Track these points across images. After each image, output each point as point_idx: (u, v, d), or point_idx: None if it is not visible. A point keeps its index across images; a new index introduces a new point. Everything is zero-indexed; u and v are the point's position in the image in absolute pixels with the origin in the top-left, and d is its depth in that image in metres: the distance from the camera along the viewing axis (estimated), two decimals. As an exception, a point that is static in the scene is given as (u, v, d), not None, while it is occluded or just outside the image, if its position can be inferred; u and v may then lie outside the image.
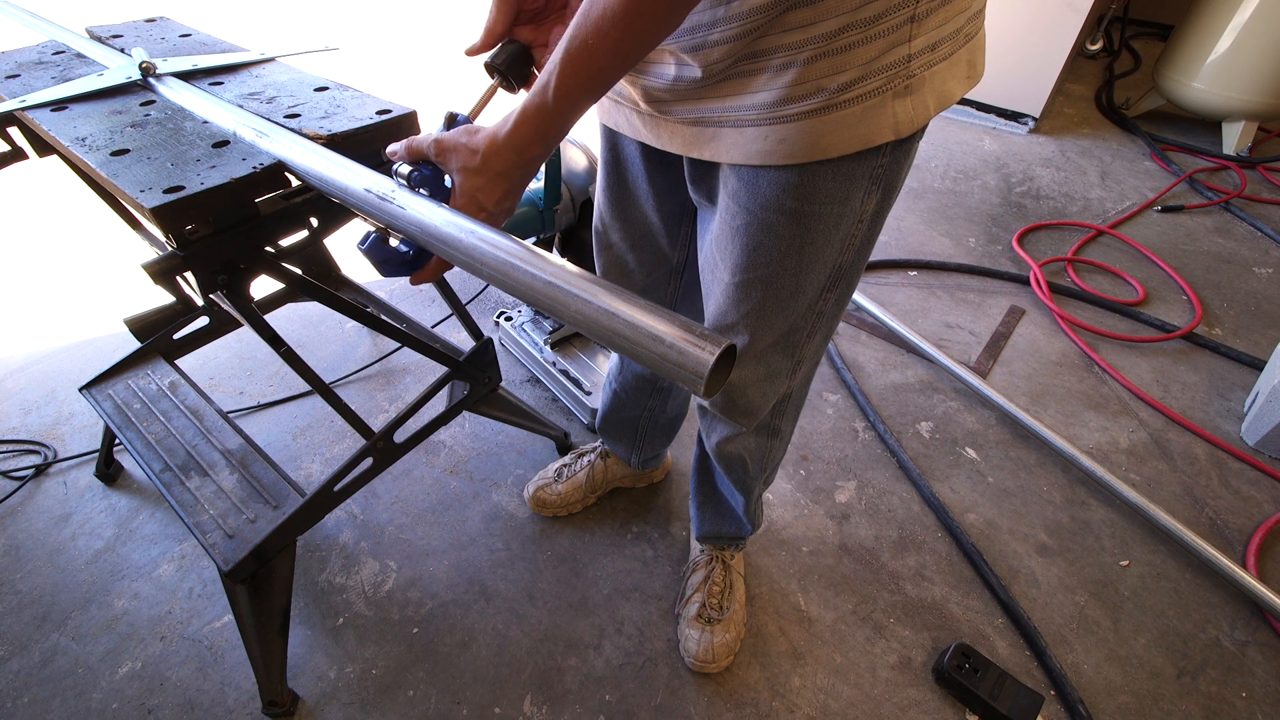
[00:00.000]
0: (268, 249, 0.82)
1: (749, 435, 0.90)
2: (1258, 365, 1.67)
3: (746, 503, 1.04)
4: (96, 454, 1.39)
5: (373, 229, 0.64)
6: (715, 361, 0.41)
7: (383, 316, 1.02)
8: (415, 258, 0.62)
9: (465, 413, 1.33)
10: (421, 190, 0.58)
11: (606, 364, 1.47)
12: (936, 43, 0.53)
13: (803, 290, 0.68)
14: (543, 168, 1.46)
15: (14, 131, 0.93)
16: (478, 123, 0.60)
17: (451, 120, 0.61)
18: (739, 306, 0.70)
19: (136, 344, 1.25)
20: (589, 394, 1.48)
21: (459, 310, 1.16)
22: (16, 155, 0.97)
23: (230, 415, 1.25)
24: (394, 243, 0.63)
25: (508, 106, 0.57)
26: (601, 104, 0.74)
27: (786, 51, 0.52)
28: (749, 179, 0.61)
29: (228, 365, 1.68)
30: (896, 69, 0.52)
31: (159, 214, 0.67)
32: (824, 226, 0.61)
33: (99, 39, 1.06)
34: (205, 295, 0.78)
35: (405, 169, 0.59)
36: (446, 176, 0.60)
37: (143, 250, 1.06)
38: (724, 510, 1.09)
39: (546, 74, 0.50)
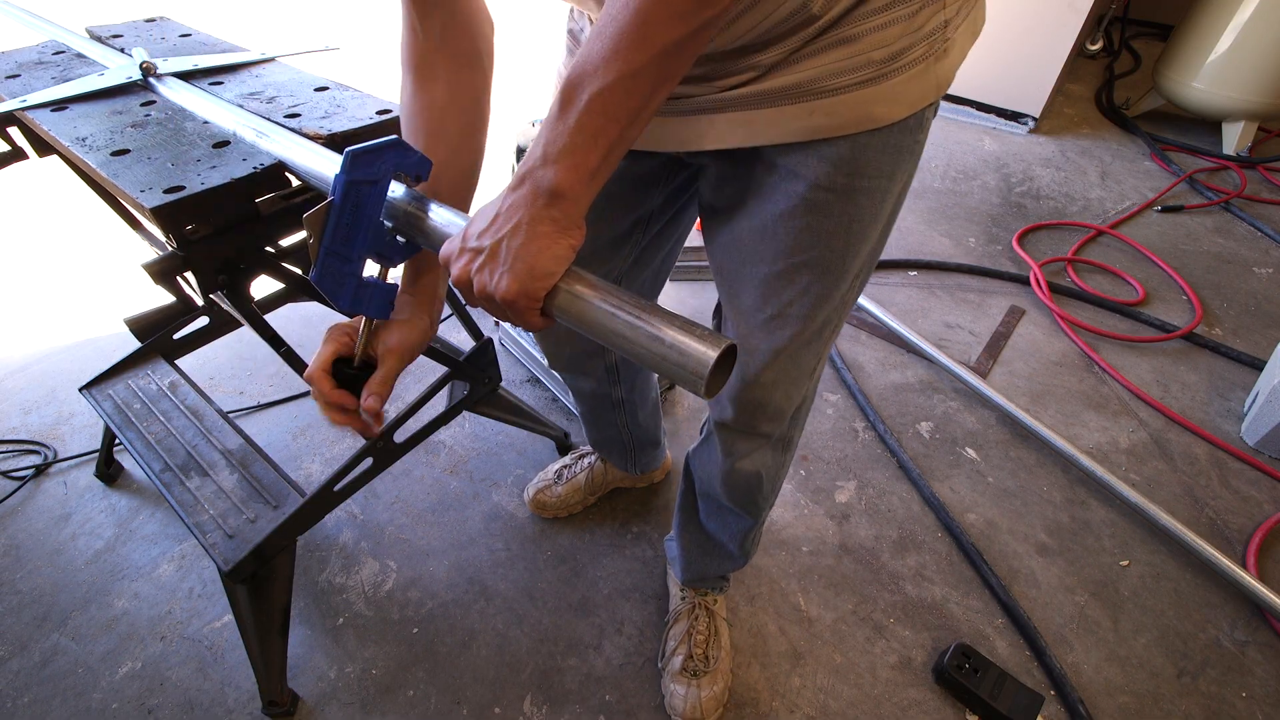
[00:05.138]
0: (268, 249, 0.82)
1: (766, 450, 0.84)
2: (1258, 365, 1.67)
3: (752, 526, 0.97)
4: (96, 454, 1.39)
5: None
6: (716, 361, 0.41)
7: (383, 316, 1.01)
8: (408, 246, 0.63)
9: (465, 413, 1.33)
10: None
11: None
12: (961, 4, 0.55)
13: (844, 275, 0.65)
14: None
15: (14, 131, 0.93)
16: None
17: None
18: (781, 294, 0.66)
19: (136, 344, 1.24)
20: (589, 394, 1.48)
21: (459, 310, 1.16)
22: (16, 155, 0.97)
23: (230, 415, 1.25)
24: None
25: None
26: None
27: (833, 29, 0.52)
28: (797, 160, 0.58)
29: (228, 365, 1.67)
30: (936, 34, 0.53)
31: (159, 214, 0.67)
32: (872, 203, 0.61)
33: (99, 39, 1.06)
34: (205, 295, 0.78)
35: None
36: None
37: (143, 250, 1.06)
38: (711, 546, 1.04)
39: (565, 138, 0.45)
